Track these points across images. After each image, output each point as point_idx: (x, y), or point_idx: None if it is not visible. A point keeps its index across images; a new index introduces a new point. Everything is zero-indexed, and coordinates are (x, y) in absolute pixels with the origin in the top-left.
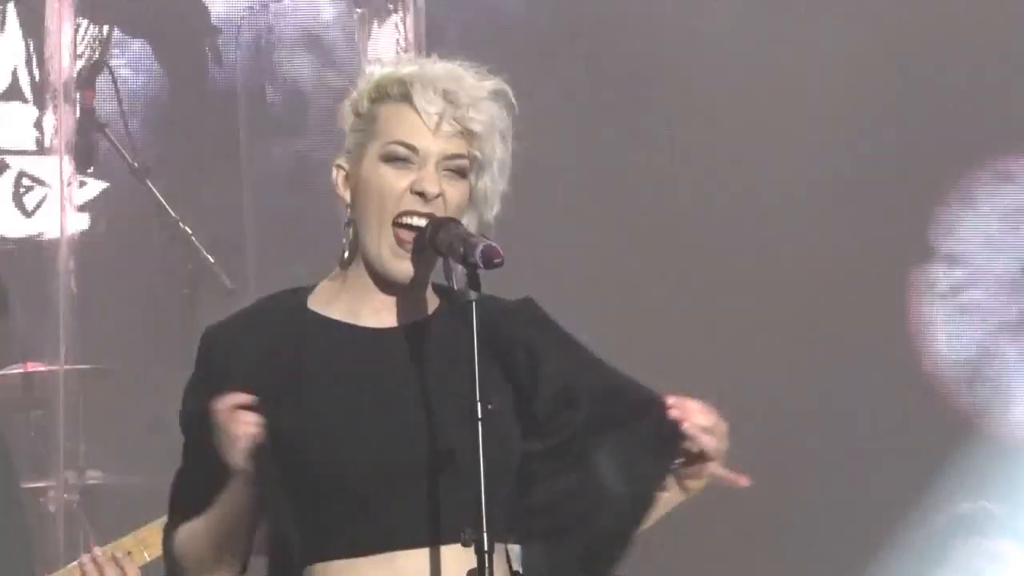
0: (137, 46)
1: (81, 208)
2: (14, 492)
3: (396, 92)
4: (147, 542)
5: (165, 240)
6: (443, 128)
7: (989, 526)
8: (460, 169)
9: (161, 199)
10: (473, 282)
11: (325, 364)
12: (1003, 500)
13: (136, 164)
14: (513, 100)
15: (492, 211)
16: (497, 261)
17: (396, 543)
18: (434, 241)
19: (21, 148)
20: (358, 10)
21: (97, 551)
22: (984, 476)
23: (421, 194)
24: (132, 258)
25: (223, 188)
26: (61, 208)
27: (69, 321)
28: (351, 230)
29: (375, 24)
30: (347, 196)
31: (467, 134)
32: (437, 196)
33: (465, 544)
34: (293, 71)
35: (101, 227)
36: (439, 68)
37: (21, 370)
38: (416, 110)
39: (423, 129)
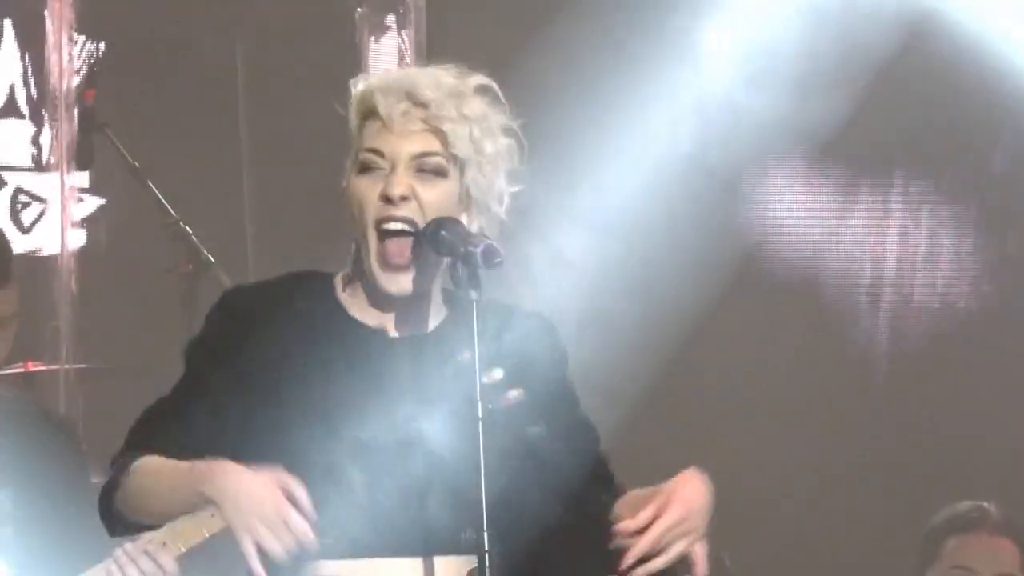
0: (136, 51)
1: (79, 224)
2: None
3: (368, 105)
4: (183, 534)
5: (165, 240)
6: (407, 127)
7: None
8: (436, 168)
9: (161, 199)
10: (474, 281)
11: (336, 364)
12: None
13: (136, 164)
14: (500, 94)
15: (498, 208)
16: (498, 261)
17: (390, 548)
18: (435, 241)
19: (18, 164)
20: (359, 10)
21: (128, 545)
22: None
23: (388, 199)
24: (132, 259)
25: (223, 188)
26: (62, 208)
27: (69, 321)
28: (354, 246)
29: (376, 25)
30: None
31: (438, 132)
32: (402, 198)
33: (465, 544)
34: (294, 71)
35: (100, 240)
36: (402, 72)
37: (21, 370)
38: (381, 117)
39: (386, 133)
